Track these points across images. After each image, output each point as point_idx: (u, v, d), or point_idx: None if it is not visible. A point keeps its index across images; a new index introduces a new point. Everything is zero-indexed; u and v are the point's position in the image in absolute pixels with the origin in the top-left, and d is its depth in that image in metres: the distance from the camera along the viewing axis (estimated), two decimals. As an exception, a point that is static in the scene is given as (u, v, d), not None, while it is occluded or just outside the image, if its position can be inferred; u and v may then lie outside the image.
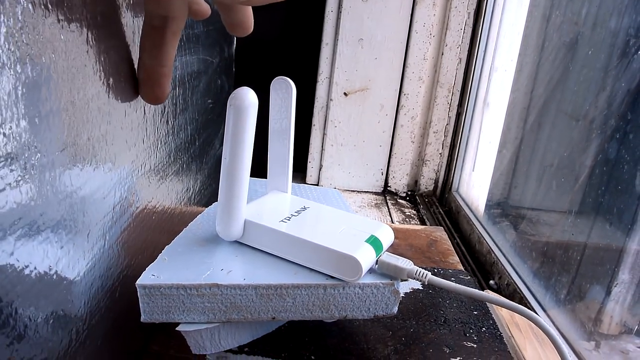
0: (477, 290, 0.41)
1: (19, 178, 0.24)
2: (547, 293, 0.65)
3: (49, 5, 0.25)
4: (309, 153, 1.14)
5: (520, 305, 0.40)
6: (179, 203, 0.56)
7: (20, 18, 0.23)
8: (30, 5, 0.23)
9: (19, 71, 0.23)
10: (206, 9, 0.37)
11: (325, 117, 1.11)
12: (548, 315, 0.63)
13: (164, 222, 0.50)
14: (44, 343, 0.28)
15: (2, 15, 0.21)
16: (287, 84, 0.46)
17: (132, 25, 0.37)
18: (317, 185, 1.15)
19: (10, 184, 0.23)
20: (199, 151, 0.63)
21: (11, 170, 0.23)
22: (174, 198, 0.54)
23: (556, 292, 0.64)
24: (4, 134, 0.22)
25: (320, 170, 1.14)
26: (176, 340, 0.45)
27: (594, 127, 0.63)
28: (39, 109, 0.25)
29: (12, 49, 0.22)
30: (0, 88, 0.22)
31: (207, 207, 0.50)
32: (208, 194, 0.71)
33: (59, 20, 0.26)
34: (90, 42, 0.30)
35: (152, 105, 0.42)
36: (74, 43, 0.28)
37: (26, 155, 0.24)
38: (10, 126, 0.22)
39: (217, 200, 0.41)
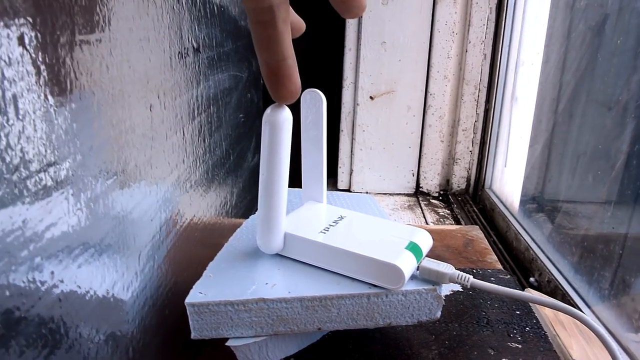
0: (520, 291, 0.42)
1: (78, 209, 0.25)
2: (590, 288, 0.65)
3: (96, 44, 0.26)
4: (339, 158, 1.14)
5: (564, 304, 0.40)
6: (218, 217, 0.57)
7: (70, 56, 0.24)
8: (79, 47, 0.25)
9: (74, 108, 0.24)
10: (301, 23, 0.35)
11: (353, 121, 1.11)
12: (593, 311, 0.62)
13: (205, 237, 0.51)
14: (104, 363, 0.29)
15: (61, 56, 0.23)
16: (318, 96, 0.46)
17: (169, 51, 0.38)
18: (349, 189, 1.15)
19: (69, 214, 0.24)
20: (234, 165, 0.64)
21: (69, 202, 0.24)
22: (213, 213, 0.55)
23: (600, 286, 0.63)
24: (66, 169, 0.23)
25: (350, 175, 1.14)
26: (222, 352, 0.46)
27: (628, 112, 0.62)
28: (92, 142, 0.26)
29: (69, 88, 0.23)
30: (58, 126, 0.23)
31: (243, 218, 0.51)
32: (244, 206, 0.72)
33: (104, 57, 0.27)
34: (132, 72, 0.31)
35: (190, 127, 0.44)
36: (118, 76, 0.29)
37: (81, 187, 0.25)
38: (69, 161, 0.24)
39: (253, 212, 0.42)
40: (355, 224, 0.46)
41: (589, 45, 0.73)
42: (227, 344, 0.38)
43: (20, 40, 0.20)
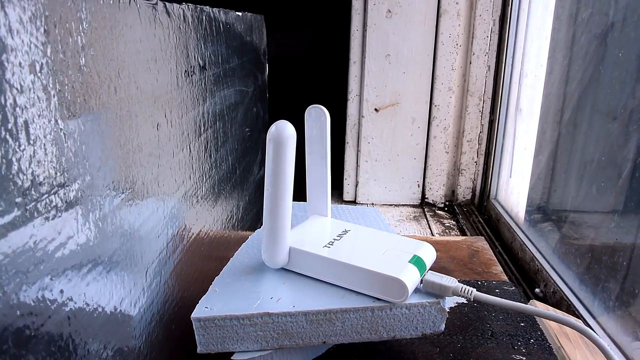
0: (523, 304, 0.42)
1: (87, 228, 0.26)
2: (596, 299, 0.65)
3: (104, 67, 0.27)
4: (345, 170, 1.15)
5: (565, 316, 0.41)
6: (224, 231, 0.58)
7: (79, 80, 0.25)
8: (86, 69, 0.26)
9: (83, 130, 0.25)
10: None
11: (358, 133, 1.12)
12: (598, 322, 0.62)
13: (211, 251, 0.52)
14: (113, 379, 0.29)
15: (71, 81, 0.23)
16: (321, 112, 0.47)
17: (176, 70, 0.39)
18: (355, 201, 1.16)
19: (78, 234, 0.25)
20: (240, 179, 0.65)
21: (78, 222, 0.25)
22: (220, 227, 0.56)
23: (605, 297, 0.63)
24: (75, 190, 0.24)
25: (356, 186, 1.15)
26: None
27: (633, 121, 0.62)
28: (101, 163, 0.27)
29: (78, 111, 0.24)
30: (67, 149, 0.24)
31: (249, 231, 0.52)
32: (250, 219, 0.72)
33: (112, 79, 0.28)
34: (140, 93, 0.32)
35: (196, 143, 0.44)
36: (126, 98, 0.30)
37: (89, 206, 0.26)
38: (78, 182, 0.24)
39: (258, 225, 0.43)
40: (359, 237, 0.46)
41: (592, 56, 0.74)
42: (232, 358, 0.38)
43: (32, 67, 0.21)
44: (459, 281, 0.41)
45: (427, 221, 1.06)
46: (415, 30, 1.06)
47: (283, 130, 0.37)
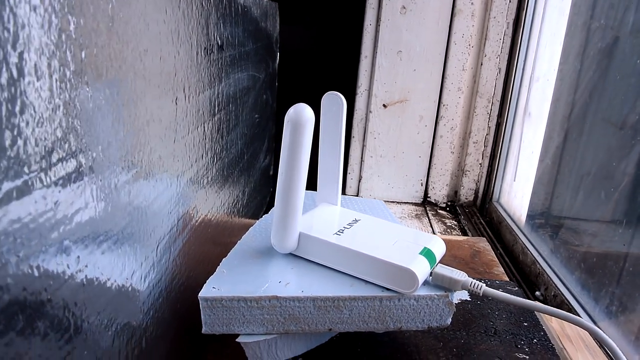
0: (533, 301, 0.41)
1: (105, 195, 0.25)
2: (597, 305, 0.64)
3: (132, 35, 0.27)
4: (349, 164, 1.14)
5: (579, 317, 0.40)
6: (229, 215, 0.57)
7: (108, 44, 0.24)
8: (116, 36, 0.25)
9: (108, 96, 0.24)
10: None
11: (365, 128, 1.12)
12: (599, 327, 0.62)
13: (217, 235, 0.52)
14: (118, 353, 0.29)
15: (99, 44, 0.23)
16: (338, 99, 0.47)
17: (196, 46, 0.38)
18: (357, 196, 1.15)
19: (97, 200, 0.24)
20: (247, 165, 0.64)
21: (98, 188, 0.24)
22: (226, 210, 0.55)
23: (606, 303, 0.63)
24: (97, 155, 0.24)
25: (359, 181, 1.14)
26: (230, 350, 0.46)
27: (638, 131, 0.62)
28: (123, 131, 0.26)
29: (105, 76, 0.24)
30: (92, 114, 0.23)
31: (253, 218, 0.51)
32: (254, 206, 0.72)
33: (138, 47, 0.28)
34: (162, 64, 0.32)
35: (210, 123, 0.44)
36: (150, 67, 0.29)
37: (109, 173, 0.26)
38: (100, 146, 0.24)
39: (262, 212, 0.43)
40: (369, 227, 0.46)
41: (604, 65, 0.74)
42: (237, 340, 0.38)
43: (62, 28, 0.21)
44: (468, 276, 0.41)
45: (429, 220, 1.05)
46: (428, 28, 1.05)
47: (302, 113, 0.37)
